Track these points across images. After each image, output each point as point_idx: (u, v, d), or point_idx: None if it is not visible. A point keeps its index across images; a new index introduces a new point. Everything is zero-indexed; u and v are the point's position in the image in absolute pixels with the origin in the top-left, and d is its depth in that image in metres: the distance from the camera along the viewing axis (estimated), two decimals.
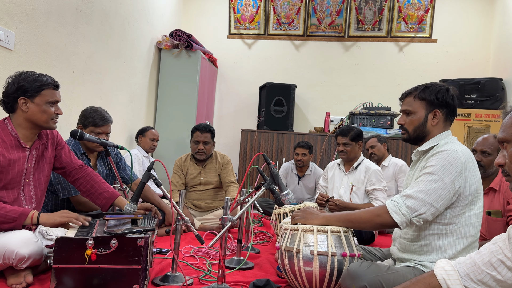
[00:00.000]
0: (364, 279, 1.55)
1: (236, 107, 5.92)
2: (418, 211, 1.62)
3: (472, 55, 5.39)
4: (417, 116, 1.79)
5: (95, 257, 1.57)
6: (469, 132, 4.73)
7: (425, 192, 1.62)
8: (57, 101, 2.01)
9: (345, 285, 1.61)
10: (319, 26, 5.71)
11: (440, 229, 1.67)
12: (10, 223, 1.77)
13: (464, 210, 1.66)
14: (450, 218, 1.66)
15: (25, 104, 1.91)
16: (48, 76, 1.98)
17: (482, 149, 2.49)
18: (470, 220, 1.67)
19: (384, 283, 1.55)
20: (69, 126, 3.27)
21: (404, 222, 1.63)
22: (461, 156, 1.64)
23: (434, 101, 1.77)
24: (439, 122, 1.78)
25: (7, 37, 2.60)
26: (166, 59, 5.16)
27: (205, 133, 3.34)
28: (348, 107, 5.37)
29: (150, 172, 1.85)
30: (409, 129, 1.82)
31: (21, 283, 1.73)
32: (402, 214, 1.63)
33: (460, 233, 1.65)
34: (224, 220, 1.80)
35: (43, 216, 1.81)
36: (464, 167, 1.63)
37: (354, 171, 3.27)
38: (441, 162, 1.64)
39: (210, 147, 3.38)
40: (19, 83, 1.90)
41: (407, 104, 1.83)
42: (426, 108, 1.78)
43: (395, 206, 1.65)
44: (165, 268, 2.10)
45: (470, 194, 1.65)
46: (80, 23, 3.44)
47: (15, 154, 1.91)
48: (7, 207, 1.79)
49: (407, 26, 5.52)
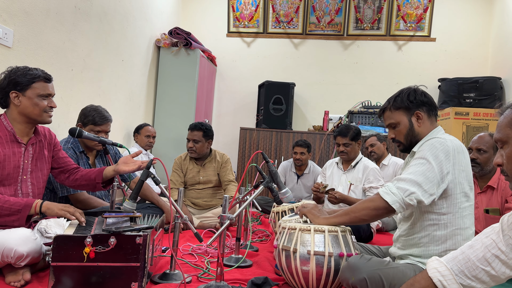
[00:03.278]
0: (364, 272, 1.56)
1: (235, 105, 5.92)
2: (408, 190, 1.63)
3: (471, 54, 5.39)
4: (402, 125, 1.82)
5: (94, 255, 1.57)
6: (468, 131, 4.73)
7: (413, 173, 1.65)
8: (49, 94, 1.99)
9: (345, 277, 1.62)
10: (318, 25, 5.71)
11: (437, 219, 1.69)
12: (15, 215, 1.78)
13: (458, 200, 1.67)
14: (446, 207, 1.68)
15: (17, 98, 1.92)
16: (39, 70, 1.98)
17: (477, 147, 2.50)
18: (465, 212, 1.69)
19: (384, 276, 1.56)
20: (68, 124, 3.27)
21: (396, 202, 1.63)
22: (448, 143, 1.67)
23: (409, 105, 1.80)
24: (424, 122, 1.81)
25: (5, 35, 2.60)
26: (165, 57, 5.15)
27: (195, 131, 3.31)
28: (347, 105, 5.38)
29: (148, 170, 1.85)
30: (401, 139, 1.84)
31: (19, 281, 1.73)
32: (392, 194, 1.64)
33: (458, 224, 1.67)
34: (222, 218, 1.80)
35: (45, 205, 1.83)
36: (452, 154, 1.65)
37: (353, 169, 3.27)
38: (428, 147, 1.68)
39: (200, 145, 3.34)
40: (10, 77, 1.91)
41: (388, 118, 1.87)
42: (406, 114, 1.81)
43: (386, 189, 1.68)
44: (163, 266, 2.11)
45: (461, 183, 1.67)
46: (79, 20, 3.43)
47: (10, 149, 1.91)
48: (11, 199, 1.80)
49: (406, 25, 5.52)
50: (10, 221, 1.79)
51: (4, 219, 1.78)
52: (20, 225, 1.80)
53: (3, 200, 1.78)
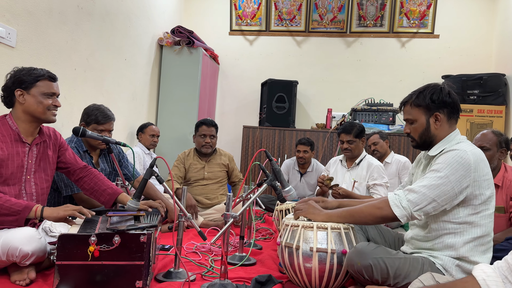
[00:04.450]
0: (369, 258, 1.57)
1: (238, 103, 5.92)
2: (419, 205, 1.61)
3: (475, 51, 5.36)
4: (419, 123, 1.77)
5: (98, 254, 1.58)
6: (472, 128, 4.72)
7: (428, 187, 1.62)
8: (54, 93, 2.01)
9: (351, 262, 1.62)
10: (321, 22, 5.69)
11: (453, 228, 1.66)
12: (14, 216, 1.78)
13: (478, 209, 1.64)
14: (464, 217, 1.64)
15: (21, 96, 1.93)
16: (45, 70, 2.00)
17: (481, 144, 2.49)
18: (484, 220, 1.65)
19: (389, 265, 1.56)
20: (71, 123, 3.28)
21: (404, 216, 1.63)
22: (470, 155, 1.61)
23: (430, 105, 1.74)
24: (443, 124, 1.74)
25: (8, 34, 2.61)
26: (167, 56, 5.16)
27: (211, 127, 3.46)
28: (350, 103, 5.36)
29: (152, 169, 1.85)
30: (415, 136, 1.80)
31: (24, 279, 1.74)
32: (402, 208, 1.63)
33: (475, 232, 1.64)
34: (226, 216, 1.80)
35: (47, 210, 1.82)
36: (474, 167, 1.60)
37: (357, 167, 3.27)
38: (448, 160, 1.62)
39: (215, 141, 3.52)
40: (15, 76, 1.94)
41: (407, 113, 1.82)
42: (425, 114, 1.76)
43: (397, 200, 1.65)
44: (167, 264, 2.11)
45: (482, 194, 1.63)
46: (82, 20, 3.44)
47: (14, 149, 1.92)
48: (12, 200, 1.81)
49: (409, 21, 5.50)
50: (8, 221, 1.79)
51: (3, 218, 1.78)
52: (18, 226, 1.80)
53: (4, 199, 1.79)
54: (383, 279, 1.57)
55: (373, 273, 1.56)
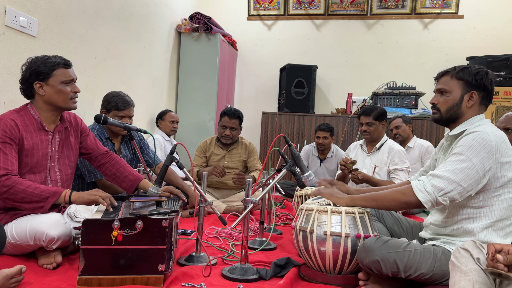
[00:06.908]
0: (377, 254, 1.57)
1: (257, 89, 5.89)
2: (444, 190, 1.58)
3: (501, 31, 5.17)
4: (452, 95, 1.74)
5: (121, 238, 1.60)
6: (497, 111, 4.58)
7: (452, 171, 1.59)
8: (72, 79, 2.02)
9: (360, 258, 1.65)
10: (341, 5, 5.58)
11: (472, 213, 1.64)
12: (43, 202, 1.82)
13: (498, 192, 1.61)
14: (483, 201, 1.62)
15: (41, 88, 1.95)
16: (58, 57, 2.01)
17: (505, 126, 2.43)
18: (504, 203, 1.62)
19: (398, 260, 1.55)
20: (93, 111, 3.33)
21: (429, 201, 1.60)
22: (491, 137, 1.59)
23: (472, 82, 1.71)
24: (474, 105, 1.72)
25: (30, 24, 2.64)
26: (186, 42, 5.16)
27: (233, 119, 3.36)
28: (371, 87, 5.26)
29: (172, 155, 1.87)
30: (442, 109, 1.76)
31: (51, 263, 1.80)
32: (426, 192, 1.60)
33: (495, 216, 1.62)
34: (246, 201, 1.81)
35: (74, 194, 1.87)
36: (496, 148, 1.58)
37: (377, 151, 3.22)
38: (470, 142, 1.60)
39: (236, 133, 3.43)
40: (31, 68, 1.95)
41: (443, 83, 1.78)
42: (463, 89, 1.72)
43: (420, 185, 1.63)
44: (189, 248, 2.14)
45: (503, 176, 1.60)
46: (101, 8, 3.46)
47: (38, 137, 1.96)
48: (41, 186, 1.85)
49: (432, 2, 5.33)
50: (35, 208, 1.83)
51: (33, 205, 1.83)
52: (43, 212, 1.84)
53: (34, 186, 1.83)
54: (394, 273, 1.57)
55: (382, 268, 1.56)
